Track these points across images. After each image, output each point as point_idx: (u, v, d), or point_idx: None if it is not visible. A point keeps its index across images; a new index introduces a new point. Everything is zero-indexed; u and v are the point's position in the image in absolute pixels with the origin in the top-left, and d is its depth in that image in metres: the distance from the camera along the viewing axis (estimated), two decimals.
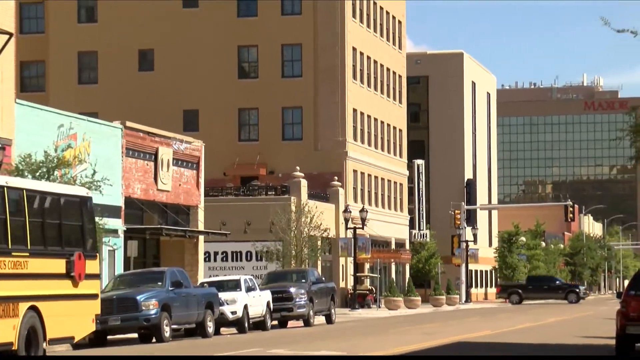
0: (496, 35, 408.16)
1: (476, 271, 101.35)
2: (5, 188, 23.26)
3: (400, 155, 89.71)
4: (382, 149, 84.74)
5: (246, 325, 40.01)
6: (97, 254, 28.88)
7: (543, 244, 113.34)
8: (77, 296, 26.09)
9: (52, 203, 25.88)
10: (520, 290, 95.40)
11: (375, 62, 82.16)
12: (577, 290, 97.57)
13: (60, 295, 25.40)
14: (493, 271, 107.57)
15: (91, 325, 27.78)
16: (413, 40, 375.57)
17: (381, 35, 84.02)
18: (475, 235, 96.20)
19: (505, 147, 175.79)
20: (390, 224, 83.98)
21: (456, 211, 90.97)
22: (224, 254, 64.60)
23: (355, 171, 77.47)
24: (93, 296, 27.61)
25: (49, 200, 26.55)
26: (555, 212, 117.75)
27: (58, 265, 25.44)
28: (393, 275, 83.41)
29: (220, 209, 61.00)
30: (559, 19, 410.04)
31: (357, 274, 71.36)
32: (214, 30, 75.04)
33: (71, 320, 26.87)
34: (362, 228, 68.64)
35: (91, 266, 26.83)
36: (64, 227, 25.92)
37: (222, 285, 41.49)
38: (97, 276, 27.85)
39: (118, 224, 46.24)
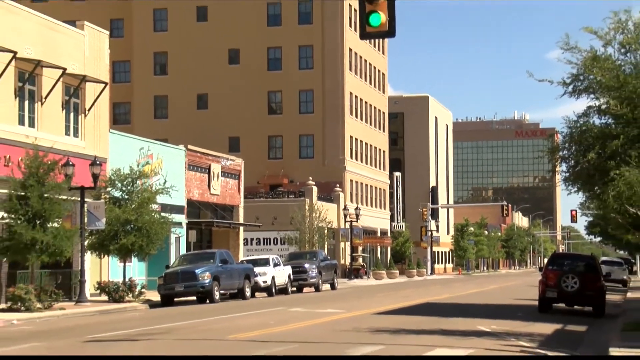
0: (452, 82, 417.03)
1: (438, 252, 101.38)
2: None
3: (384, 169, 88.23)
4: (371, 165, 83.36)
5: (273, 290, 40.16)
6: None
7: (486, 232, 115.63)
8: None
9: None
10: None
11: (365, 102, 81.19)
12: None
13: None
14: (450, 252, 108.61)
15: None
16: (392, 86, 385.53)
17: (369, 83, 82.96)
18: (437, 226, 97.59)
19: (458, 163, 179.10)
20: (376, 218, 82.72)
21: (424, 209, 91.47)
22: (257, 240, 62.97)
23: (351, 180, 76.42)
24: None
25: None
26: (494, 210, 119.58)
27: None
28: (378, 255, 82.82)
29: (255, 208, 60.73)
30: (498, 71, 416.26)
31: (353, 254, 70.47)
32: (251, 79, 73.80)
33: None
34: (356, 221, 67.46)
35: None
36: None
37: (256, 262, 41.24)
38: None
39: (182, 218, 45.95)
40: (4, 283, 30.78)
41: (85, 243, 32.28)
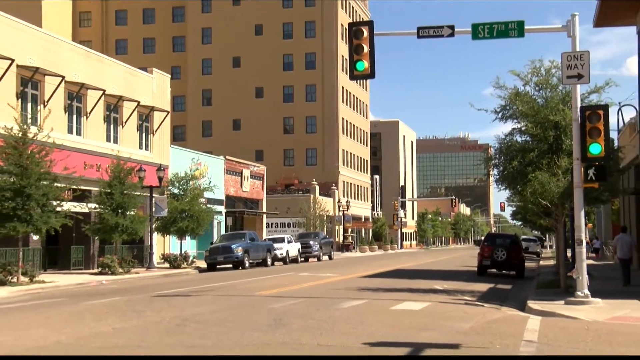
0: (416, 110, 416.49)
1: (405, 232, 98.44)
2: None
3: (366, 173, 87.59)
4: (357, 170, 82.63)
5: (287, 260, 39.55)
6: None
7: (440, 218, 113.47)
8: None
9: None
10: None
11: (353, 125, 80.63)
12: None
13: None
14: (414, 232, 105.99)
15: None
16: (372, 113, 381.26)
17: (356, 111, 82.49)
18: (405, 214, 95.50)
19: (420, 169, 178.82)
20: (361, 208, 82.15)
21: (395, 202, 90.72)
22: (276, 224, 62.29)
23: (343, 181, 75.80)
24: None
25: None
26: (446, 202, 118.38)
27: None
28: (363, 235, 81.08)
29: (274, 201, 60.60)
30: (449, 102, 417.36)
31: (344, 234, 69.84)
32: (271, 109, 73.93)
33: None
34: (347, 210, 68.28)
35: None
36: None
37: (275, 240, 40.74)
38: None
39: (221, 208, 45.64)
40: (96, 254, 31.24)
41: (153, 226, 32.61)
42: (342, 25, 74.43)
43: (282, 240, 40.67)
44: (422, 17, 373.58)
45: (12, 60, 26.68)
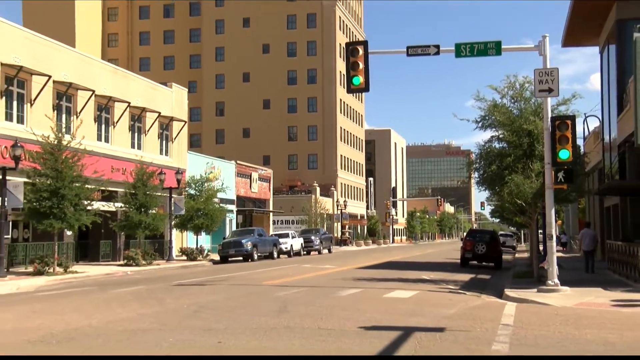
0: (406, 119, 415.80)
1: (396, 229, 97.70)
2: None
3: (362, 176, 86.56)
4: (353, 173, 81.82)
5: (292, 253, 38.90)
6: None
7: (427, 216, 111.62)
8: None
9: None
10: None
11: (350, 133, 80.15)
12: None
13: None
14: (404, 229, 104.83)
15: None
16: (367, 122, 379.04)
17: (353, 120, 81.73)
18: (396, 212, 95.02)
19: (409, 172, 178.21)
20: (357, 207, 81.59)
21: (387, 201, 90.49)
22: (281, 221, 60.90)
23: (341, 183, 75.38)
24: None
25: None
26: (432, 202, 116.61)
27: None
28: (359, 231, 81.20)
29: (279, 201, 60.15)
30: (435, 112, 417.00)
31: (342, 230, 70.13)
32: (277, 119, 73.68)
33: None
34: (344, 209, 68.91)
35: None
36: None
37: (281, 235, 40.01)
38: None
39: (233, 207, 45.40)
40: (122, 248, 31.19)
41: (172, 223, 32.57)
42: (340, 44, 74.73)
43: (286, 235, 40.30)
44: (411, 36, 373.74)
45: (49, 77, 26.84)
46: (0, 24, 25.03)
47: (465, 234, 36.12)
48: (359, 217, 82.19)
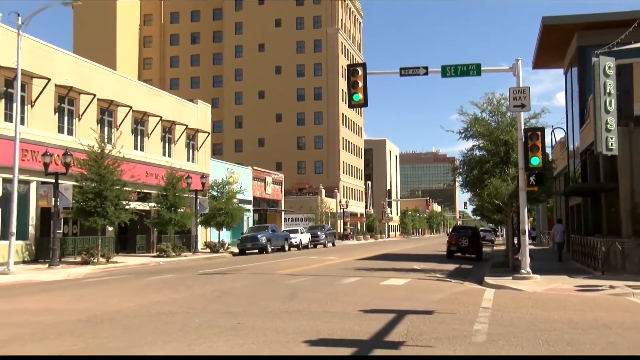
0: (399, 130, 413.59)
1: (391, 225, 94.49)
2: None
3: (361, 179, 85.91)
4: (354, 177, 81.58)
5: (300, 247, 38.25)
6: None
7: (417, 214, 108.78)
8: None
9: None
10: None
11: (351, 143, 79.91)
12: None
13: None
14: (398, 225, 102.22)
15: None
16: (366, 133, 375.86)
17: (353, 132, 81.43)
18: (391, 211, 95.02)
19: (403, 176, 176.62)
20: (357, 207, 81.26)
21: (383, 202, 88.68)
22: (292, 219, 59.82)
23: (344, 186, 75.17)
24: None
25: None
26: (422, 202, 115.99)
27: None
28: (358, 227, 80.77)
29: (290, 201, 60.13)
30: (425, 124, 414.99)
31: (344, 227, 69.84)
32: (288, 130, 73.59)
33: None
34: (346, 208, 68.64)
35: None
36: None
37: (291, 231, 39.43)
38: None
39: (250, 207, 44.97)
40: (155, 242, 31.18)
41: (198, 220, 32.40)
42: (342, 66, 74.91)
43: (296, 231, 39.92)
44: (403, 58, 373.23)
45: (94, 95, 27.13)
46: (55, 52, 25.41)
47: (450, 229, 35.20)
48: (358, 215, 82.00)
